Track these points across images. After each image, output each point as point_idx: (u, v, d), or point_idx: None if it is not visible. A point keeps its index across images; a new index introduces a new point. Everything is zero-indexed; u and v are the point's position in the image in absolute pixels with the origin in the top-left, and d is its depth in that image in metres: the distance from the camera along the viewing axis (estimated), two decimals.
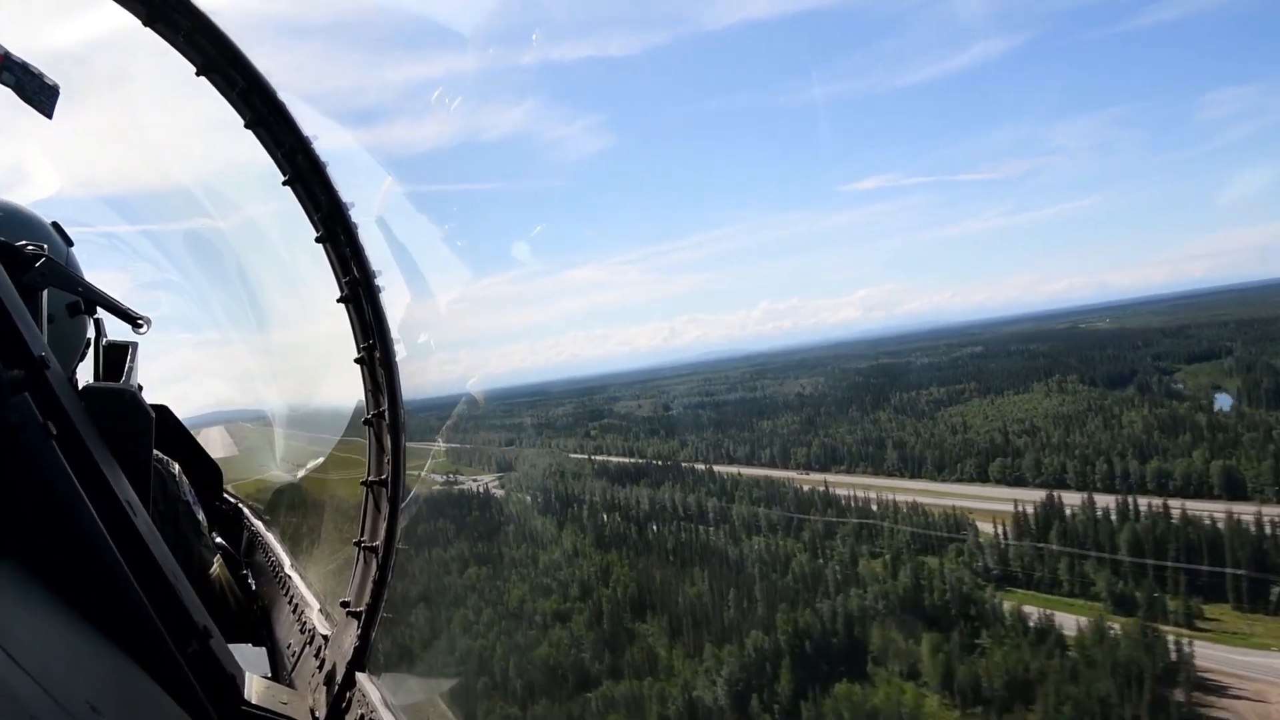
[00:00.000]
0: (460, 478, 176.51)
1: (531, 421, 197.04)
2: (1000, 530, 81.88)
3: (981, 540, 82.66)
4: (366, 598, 2.39)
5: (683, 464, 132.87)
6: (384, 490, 2.49)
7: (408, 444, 2.62)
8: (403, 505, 2.43)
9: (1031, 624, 66.92)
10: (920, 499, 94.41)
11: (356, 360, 2.57)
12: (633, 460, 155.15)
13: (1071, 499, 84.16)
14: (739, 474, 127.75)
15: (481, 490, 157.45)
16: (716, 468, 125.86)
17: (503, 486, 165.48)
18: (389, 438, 2.50)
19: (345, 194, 2.50)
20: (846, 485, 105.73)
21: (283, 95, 2.33)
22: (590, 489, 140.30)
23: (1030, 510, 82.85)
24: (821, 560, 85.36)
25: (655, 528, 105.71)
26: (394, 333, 2.49)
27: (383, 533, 2.43)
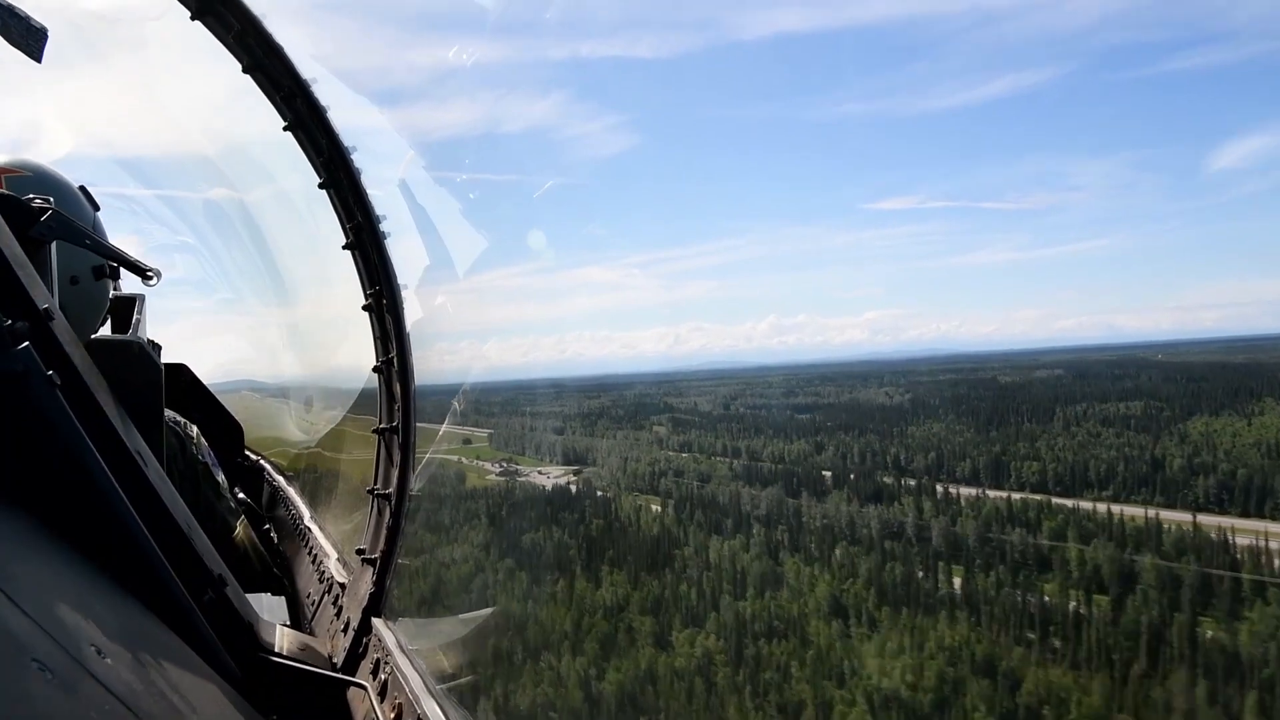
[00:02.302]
0: (518, 468, 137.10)
1: (572, 411, 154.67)
2: None
3: None
4: (381, 545, 2.40)
5: (879, 475, 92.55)
6: (395, 437, 2.46)
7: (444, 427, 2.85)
8: (414, 453, 2.43)
9: None
10: None
11: (364, 307, 2.55)
12: (767, 464, 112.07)
13: None
14: (982, 495, 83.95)
15: (573, 487, 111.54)
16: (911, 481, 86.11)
17: (601, 485, 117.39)
18: (398, 385, 2.45)
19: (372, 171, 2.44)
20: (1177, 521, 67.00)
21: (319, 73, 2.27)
22: (747, 498, 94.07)
23: None
24: None
25: (957, 572, 63.95)
26: (410, 289, 2.49)
27: (395, 480, 2.42)
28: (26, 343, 1.19)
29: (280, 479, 5.34)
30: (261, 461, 5.45)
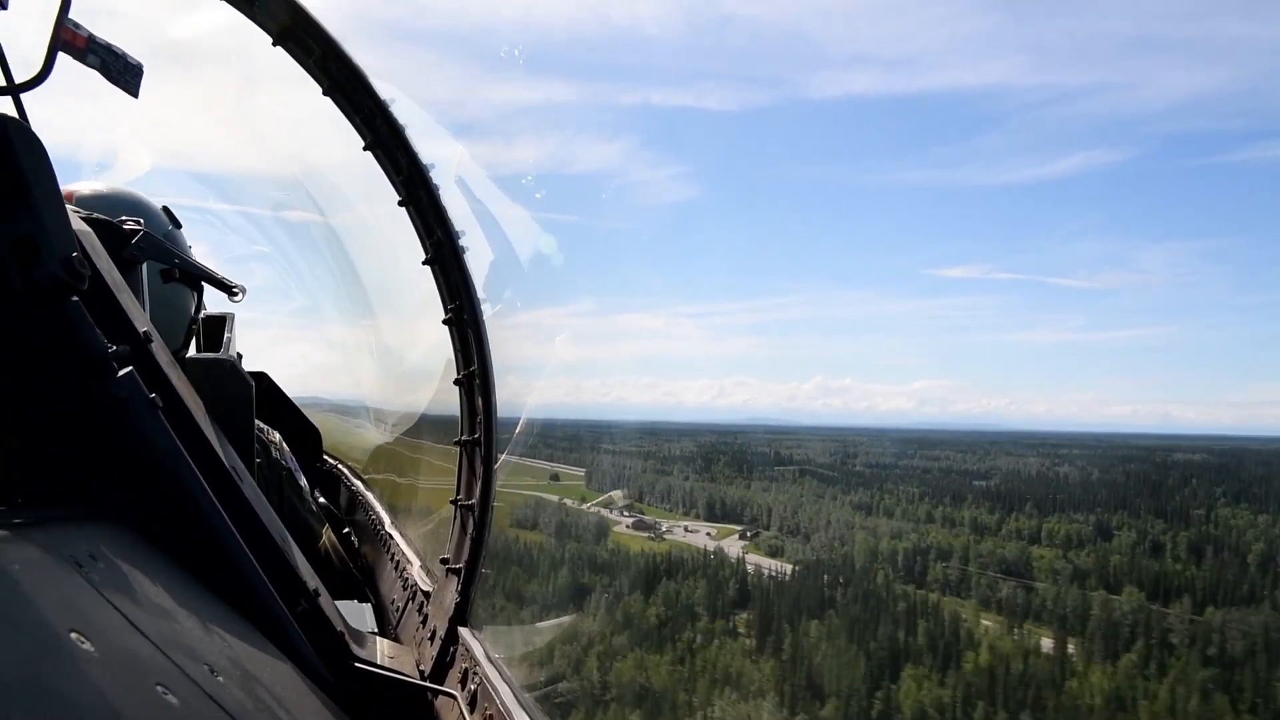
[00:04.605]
0: (653, 520, 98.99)
1: (664, 454, 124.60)
2: None
3: None
4: (465, 555, 2.39)
5: None
6: (477, 450, 2.48)
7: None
8: (496, 464, 2.45)
9: None
10: None
11: (444, 321, 2.55)
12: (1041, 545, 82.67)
13: None
14: None
15: (794, 570, 76.14)
16: None
17: (807, 558, 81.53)
18: (480, 398, 2.46)
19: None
20: None
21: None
22: (1181, 627, 58.09)
23: None
24: None
25: None
26: (480, 291, 2.45)
27: (478, 491, 2.43)
28: (130, 367, 1.22)
29: (358, 483, 5.18)
30: (339, 466, 5.41)
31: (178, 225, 2.58)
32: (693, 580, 61.29)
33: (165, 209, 2.57)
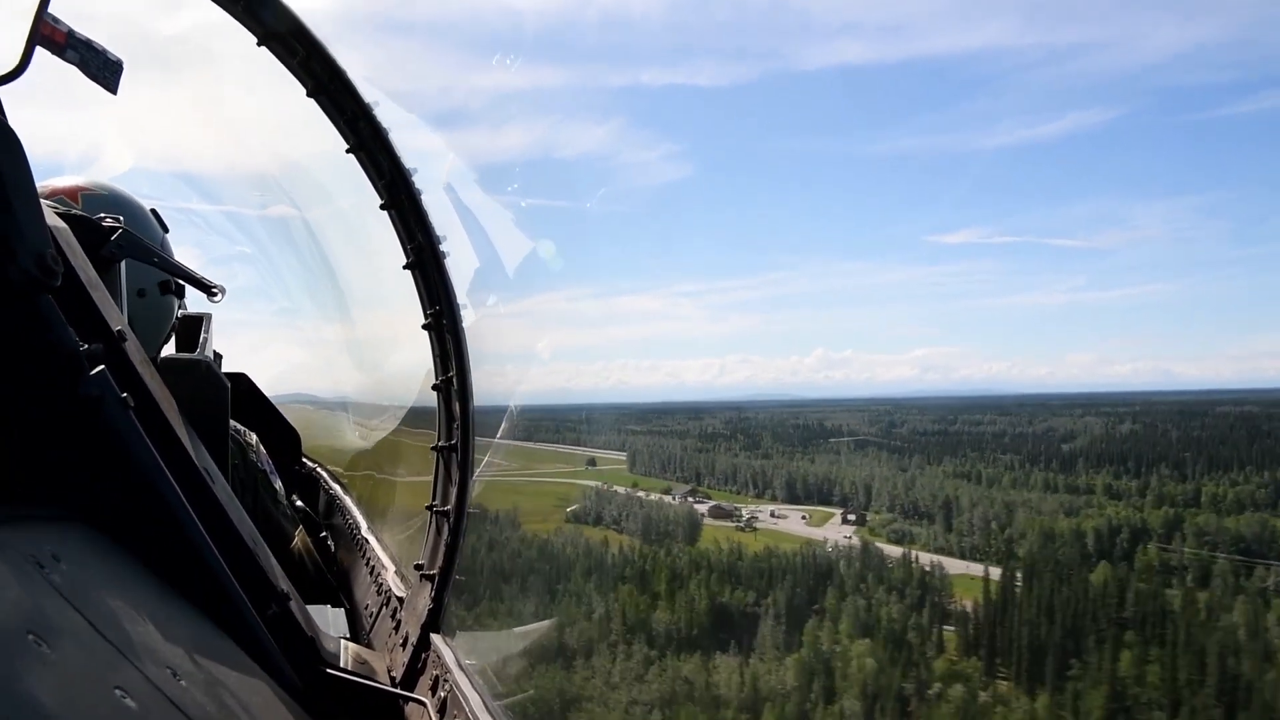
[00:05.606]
0: (721, 503, 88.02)
1: (695, 432, 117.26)
2: None
3: None
4: (439, 561, 2.42)
5: None
6: (454, 455, 2.48)
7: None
8: (473, 471, 2.49)
9: None
10: None
11: (424, 326, 2.58)
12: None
13: None
14: None
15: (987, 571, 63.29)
16: None
17: (974, 556, 71.01)
18: (458, 404, 2.46)
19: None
20: None
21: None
22: None
23: None
24: None
25: None
26: (462, 297, 2.46)
27: (454, 498, 2.44)
28: (102, 366, 1.20)
29: (336, 487, 5.14)
30: (318, 469, 5.35)
31: (165, 229, 2.57)
32: (868, 590, 44.58)
33: (153, 211, 2.56)
